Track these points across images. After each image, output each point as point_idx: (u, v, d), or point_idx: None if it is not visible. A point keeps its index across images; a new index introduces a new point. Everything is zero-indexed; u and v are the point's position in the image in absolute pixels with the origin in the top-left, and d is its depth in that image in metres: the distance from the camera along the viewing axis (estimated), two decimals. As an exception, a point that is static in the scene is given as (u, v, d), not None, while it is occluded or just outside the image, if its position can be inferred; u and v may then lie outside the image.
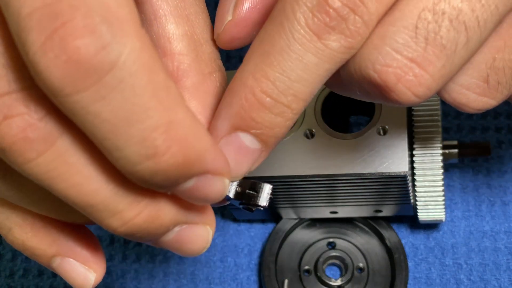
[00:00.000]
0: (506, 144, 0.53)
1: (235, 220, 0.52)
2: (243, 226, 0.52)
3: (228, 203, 0.32)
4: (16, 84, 0.24)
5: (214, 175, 0.27)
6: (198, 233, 0.30)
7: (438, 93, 0.32)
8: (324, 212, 0.48)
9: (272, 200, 0.47)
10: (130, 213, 0.27)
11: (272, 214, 0.50)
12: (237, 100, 0.28)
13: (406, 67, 0.28)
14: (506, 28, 0.30)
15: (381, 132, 0.43)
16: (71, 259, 0.31)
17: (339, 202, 0.46)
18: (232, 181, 0.30)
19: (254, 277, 0.50)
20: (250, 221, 0.52)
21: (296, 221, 0.50)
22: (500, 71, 0.31)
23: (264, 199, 0.31)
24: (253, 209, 0.32)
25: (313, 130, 0.44)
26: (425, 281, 0.49)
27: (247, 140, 0.29)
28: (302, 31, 0.27)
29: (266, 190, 0.31)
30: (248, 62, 0.28)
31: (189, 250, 0.30)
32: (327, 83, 0.30)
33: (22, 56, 0.23)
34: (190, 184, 0.26)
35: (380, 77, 0.28)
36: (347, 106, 0.48)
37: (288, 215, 0.49)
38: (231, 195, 0.31)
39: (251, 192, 0.31)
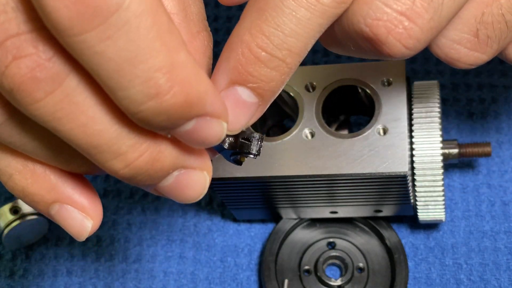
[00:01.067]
0: (506, 145, 0.53)
1: (235, 220, 0.52)
2: (243, 226, 0.52)
3: (217, 155, 0.32)
4: (26, 26, 0.25)
5: (213, 117, 0.28)
6: (196, 178, 0.30)
7: (431, 48, 0.33)
8: (324, 212, 0.48)
9: (272, 199, 0.47)
10: (132, 154, 0.27)
11: (272, 214, 0.50)
12: (234, 55, 0.29)
13: (396, 20, 0.29)
14: None
15: (381, 132, 0.43)
16: (69, 206, 0.31)
17: (339, 202, 0.46)
18: (229, 135, 0.31)
19: (254, 277, 0.50)
20: (250, 221, 0.52)
21: (296, 221, 0.50)
22: (489, 26, 0.32)
23: (256, 147, 0.32)
24: (242, 161, 0.32)
25: (313, 130, 0.44)
26: (425, 281, 0.49)
27: (244, 94, 0.30)
28: None
29: (257, 138, 0.32)
30: (244, 19, 0.30)
31: (187, 195, 0.31)
32: (323, 41, 0.32)
33: None
34: (190, 125, 0.27)
35: (372, 31, 0.30)
36: (347, 106, 0.48)
37: (288, 215, 0.49)
38: (226, 145, 0.31)
39: (244, 141, 0.32)
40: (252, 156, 0.32)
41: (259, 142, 0.32)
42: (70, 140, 0.27)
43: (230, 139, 0.31)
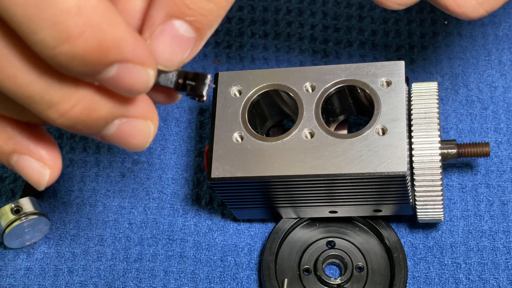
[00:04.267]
0: (505, 145, 0.53)
1: (235, 219, 0.53)
2: (243, 226, 0.52)
3: (179, 96, 0.32)
4: None
5: (136, 64, 0.28)
6: (139, 127, 0.31)
7: None
8: (323, 211, 0.48)
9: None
10: (65, 105, 0.28)
11: (272, 213, 0.50)
12: None
13: None
14: None
15: (380, 132, 0.43)
16: (27, 156, 0.32)
17: (338, 201, 0.47)
18: (168, 71, 0.31)
19: (254, 276, 0.50)
20: (250, 220, 0.52)
21: (296, 220, 0.50)
22: None
23: (203, 89, 0.31)
24: (201, 99, 0.32)
25: (313, 130, 0.44)
26: (424, 280, 0.49)
27: (182, 28, 0.30)
28: None
29: (204, 80, 0.31)
30: None
31: (131, 144, 0.31)
32: None
33: None
34: (112, 72, 0.28)
35: None
36: (347, 107, 0.48)
37: (288, 214, 0.50)
38: (172, 85, 0.31)
39: (191, 82, 0.31)
40: (201, 99, 0.31)
41: (207, 84, 0.31)
42: (5, 92, 0.28)
43: (176, 79, 0.31)
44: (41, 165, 0.32)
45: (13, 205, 0.50)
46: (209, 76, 0.31)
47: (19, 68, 0.27)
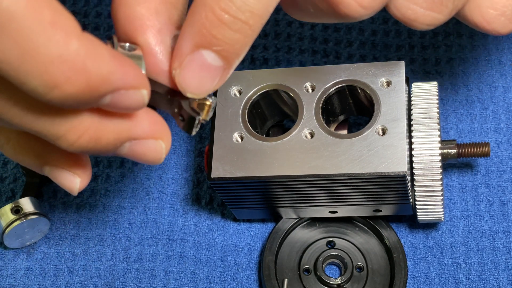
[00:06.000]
0: (505, 145, 0.53)
1: (235, 219, 0.53)
2: (243, 226, 0.52)
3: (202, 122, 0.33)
4: None
5: (128, 89, 0.29)
6: (150, 147, 0.32)
7: (388, 9, 0.34)
8: (323, 211, 0.48)
9: (271, 199, 0.47)
10: (71, 136, 0.30)
11: (272, 213, 0.50)
12: (198, 19, 0.30)
13: None
14: None
15: (380, 132, 0.43)
16: (58, 167, 0.34)
17: (338, 201, 0.47)
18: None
19: (254, 276, 0.50)
20: (250, 220, 0.52)
21: (296, 220, 0.50)
22: None
23: (191, 131, 0.33)
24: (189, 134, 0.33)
25: (313, 130, 0.44)
26: (424, 280, 0.49)
27: (209, 57, 0.31)
28: None
29: (193, 122, 0.32)
30: None
31: (145, 161, 0.33)
32: (284, 5, 0.33)
33: None
34: (106, 100, 0.29)
35: None
36: (347, 107, 0.48)
37: (288, 214, 0.50)
38: (170, 112, 0.33)
39: (181, 118, 0.33)
40: (202, 121, 0.33)
41: (194, 125, 0.32)
42: (17, 128, 0.30)
43: (172, 110, 0.32)
44: (72, 174, 0.34)
45: (13, 205, 0.50)
46: (199, 118, 0.32)
47: (20, 110, 0.29)
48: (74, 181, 0.34)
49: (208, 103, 0.33)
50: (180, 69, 0.32)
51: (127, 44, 0.33)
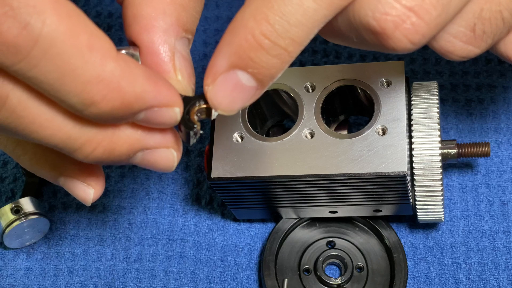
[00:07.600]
0: (505, 145, 0.53)
1: (235, 219, 0.53)
2: (243, 226, 0.52)
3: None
4: None
5: (161, 107, 0.31)
6: (162, 155, 0.34)
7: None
8: (323, 211, 0.48)
9: (271, 200, 0.47)
10: (87, 149, 0.31)
11: (272, 213, 0.50)
12: (237, 40, 0.30)
13: (404, 16, 0.30)
14: None
15: (381, 132, 0.43)
16: (72, 179, 0.36)
17: (338, 201, 0.47)
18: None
19: (254, 276, 0.50)
20: (250, 220, 0.52)
21: (296, 220, 0.50)
22: (486, 21, 0.33)
23: (187, 143, 0.34)
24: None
25: (313, 130, 0.44)
26: (424, 280, 0.49)
27: (244, 78, 0.31)
28: None
29: (188, 136, 0.34)
30: (250, 4, 0.30)
31: (158, 169, 0.34)
32: (324, 32, 0.32)
33: None
34: (140, 117, 0.31)
35: (379, 25, 0.30)
36: (347, 107, 0.48)
37: (288, 214, 0.50)
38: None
39: (180, 131, 0.34)
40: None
41: (188, 139, 0.34)
42: (34, 141, 0.31)
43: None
44: (85, 185, 0.36)
45: (13, 205, 0.50)
46: (194, 130, 0.33)
47: (40, 126, 0.30)
48: (88, 192, 0.36)
49: (198, 125, 0.33)
50: (213, 86, 0.32)
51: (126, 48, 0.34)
